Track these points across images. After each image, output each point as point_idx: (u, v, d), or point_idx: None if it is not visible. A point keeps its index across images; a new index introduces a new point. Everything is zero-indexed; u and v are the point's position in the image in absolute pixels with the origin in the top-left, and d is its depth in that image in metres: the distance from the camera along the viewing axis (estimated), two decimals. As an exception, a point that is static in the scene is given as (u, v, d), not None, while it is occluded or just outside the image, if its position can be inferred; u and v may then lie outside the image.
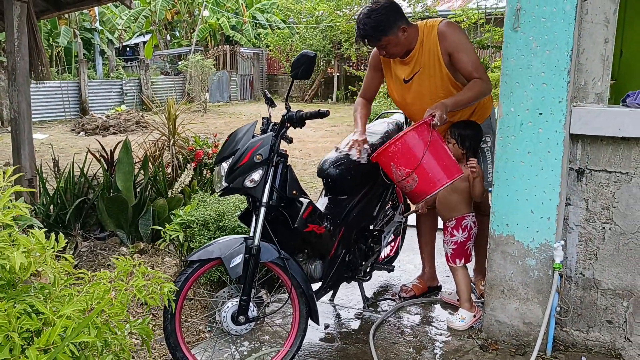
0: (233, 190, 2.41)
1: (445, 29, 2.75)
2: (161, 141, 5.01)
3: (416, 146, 2.55)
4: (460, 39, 2.74)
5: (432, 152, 2.55)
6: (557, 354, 2.60)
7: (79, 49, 17.31)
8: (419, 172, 2.55)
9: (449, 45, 2.72)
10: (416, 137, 2.54)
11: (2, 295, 1.10)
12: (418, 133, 2.54)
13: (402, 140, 2.55)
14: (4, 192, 1.16)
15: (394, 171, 2.62)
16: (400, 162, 2.57)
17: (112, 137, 10.94)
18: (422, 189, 2.60)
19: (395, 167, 2.60)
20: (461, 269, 2.89)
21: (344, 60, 19.53)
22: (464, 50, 2.71)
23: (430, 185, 2.58)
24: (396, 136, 2.58)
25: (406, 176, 2.57)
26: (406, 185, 2.63)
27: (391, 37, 2.70)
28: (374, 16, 2.68)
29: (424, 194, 2.63)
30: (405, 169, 2.56)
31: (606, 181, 2.49)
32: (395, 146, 2.56)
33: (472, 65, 2.70)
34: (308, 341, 2.71)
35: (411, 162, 2.54)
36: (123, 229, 4.24)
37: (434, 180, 2.57)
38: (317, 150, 9.39)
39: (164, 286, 1.32)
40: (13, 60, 3.96)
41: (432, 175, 2.56)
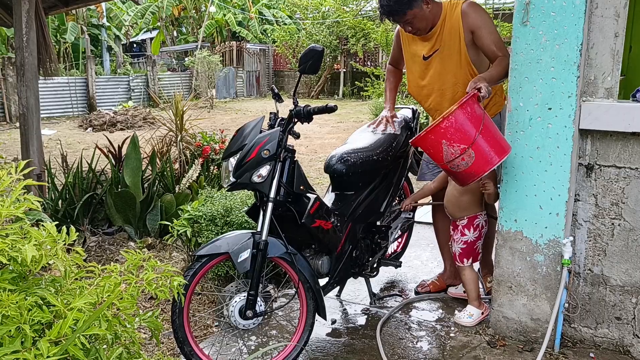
0: (241, 185, 2.41)
1: (469, 7, 2.74)
2: (168, 137, 5.02)
3: (471, 120, 2.41)
4: (483, 18, 2.73)
5: (486, 124, 2.43)
6: (565, 351, 2.59)
7: (86, 45, 17.37)
8: (475, 148, 2.41)
9: (473, 23, 2.71)
10: (469, 110, 2.41)
11: (13, 287, 1.11)
12: (469, 106, 2.42)
13: (455, 114, 2.40)
14: (15, 186, 1.17)
15: (445, 149, 2.44)
16: (455, 138, 2.41)
17: (119, 133, 10.99)
18: (477, 166, 2.44)
19: (448, 145, 2.42)
20: (469, 268, 2.88)
21: (351, 56, 19.49)
22: (487, 28, 2.71)
23: (486, 161, 2.43)
24: (447, 112, 2.43)
25: (461, 153, 2.41)
26: (460, 164, 2.45)
27: (416, 10, 2.69)
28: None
29: (479, 172, 2.46)
30: (461, 145, 2.40)
31: (615, 177, 2.47)
32: (448, 121, 2.40)
33: (495, 43, 2.70)
34: (315, 336, 2.72)
35: (468, 136, 2.40)
36: (131, 224, 4.26)
37: (490, 155, 2.43)
38: (324, 146, 9.39)
39: (174, 279, 1.33)
40: (21, 56, 3.98)
41: (489, 150, 2.43)
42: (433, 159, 2.58)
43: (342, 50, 19.27)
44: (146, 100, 16.84)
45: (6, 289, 1.09)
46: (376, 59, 19.34)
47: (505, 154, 2.47)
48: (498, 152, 2.45)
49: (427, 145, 2.55)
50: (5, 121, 13.40)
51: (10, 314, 1.05)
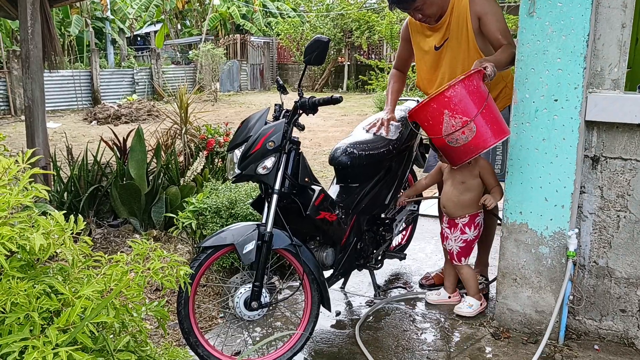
0: (245, 177, 2.41)
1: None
2: (173, 130, 5.03)
3: (476, 93, 2.38)
4: (491, 4, 2.70)
5: (490, 100, 2.41)
6: (569, 343, 2.59)
7: (90, 39, 17.38)
8: (478, 121, 2.37)
9: (480, 9, 2.68)
10: (474, 84, 2.39)
11: (22, 275, 1.12)
12: (475, 80, 2.39)
13: (461, 84, 2.36)
14: (23, 175, 1.18)
15: (446, 121, 2.38)
16: (458, 109, 2.36)
17: (123, 126, 11.01)
18: (476, 142, 2.41)
19: (450, 116, 2.36)
20: (466, 266, 2.88)
21: (355, 49, 19.42)
22: (494, 15, 2.68)
23: (486, 139, 2.41)
24: (460, 76, 2.39)
25: (463, 125, 2.36)
26: (459, 138, 2.40)
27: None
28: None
29: (478, 148, 2.43)
30: (463, 118, 2.35)
31: (621, 169, 2.46)
32: (453, 90, 2.35)
33: (501, 31, 2.67)
34: (319, 328, 2.73)
35: (471, 108, 2.35)
36: (136, 217, 4.28)
37: (489, 133, 2.41)
38: (328, 139, 9.38)
39: (180, 269, 1.34)
40: (27, 48, 3.98)
41: (491, 125, 2.39)
42: (430, 132, 2.51)
43: (346, 43, 19.22)
44: (150, 93, 16.85)
45: (15, 277, 1.10)
46: (380, 52, 19.28)
47: (505, 135, 2.47)
48: (498, 132, 2.45)
49: (427, 115, 2.48)
50: (10, 114, 13.44)
51: (19, 301, 1.06)
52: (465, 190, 2.77)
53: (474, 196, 2.78)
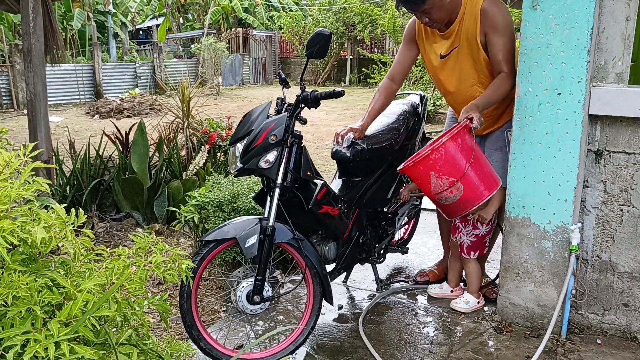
0: (248, 171, 2.41)
1: (489, 7, 2.53)
2: (175, 123, 5.02)
3: (461, 152, 2.37)
4: (502, 21, 2.52)
5: (477, 157, 2.40)
6: (572, 337, 2.59)
7: (92, 32, 17.36)
8: (465, 181, 2.37)
9: (488, 25, 2.53)
10: (459, 142, 2.37)
11: (23, 269, 1.12)
12: (460, 138, 2.38)
13: (445, 146, 2.36)
14: (24, 168, 1.17)
15: (433, 181, 2.40)
16: (443, 170, 2.37)
17: (126, 120, 11.00)
18: (465, 200, 2.43)
19: (437, 177, 2.39)
20: (474, 261, 2.87)
21: (358, 42, 19.36)
22: (502, 34, 2.51)
23: (476, 196, 2.42)
24: (435, 143, 2.37)
25: (450, 186, 2.38)
26: (448, 197, 2.44)
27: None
28: None
29: (469, 206, 2.46)
30: (450, 178, 2.37)
31: (625, 163, 2.45)
32: (438, 153, 2.35)
33: (504, 54, 2.52)
34: (322, 321, 2.74)
35: (456, 169, 2.36)
36: (138, 211, 4.28)
37: (480, 188, 2.42)
38: (330, 133, 9.37)
39: (182, 262, 1.34)
40: (28, 42, 3.97)
41: (479, 183, 2.41)
42: (421, 189, 2.54)
43: (348, 37, 19.15)
44: (153, 87, 16.84)
45: (16, 271, 1.10)
46: (383, 45, 19.22)
47: (495, 187, 2.46)
48: (488, 186, 2.44)
49: (415, 175, 2.52)
50: (12, 108, 13.45)
51: (21, 295, 1.06)
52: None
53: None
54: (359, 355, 2.48)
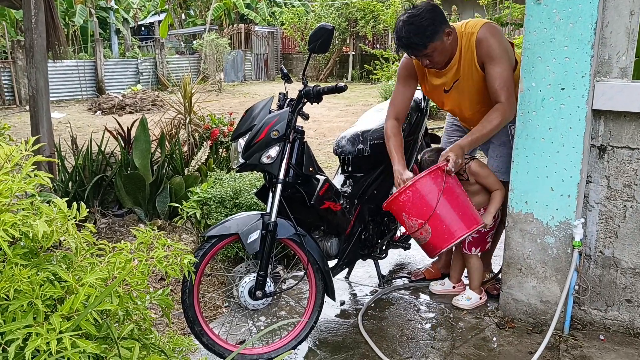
0: (250, 166, 2.41)
1: (484, 36, 2.50)
2: (177, 119, 5.02)
3: (429, 194, 2.38)
4: (497, 49, 2.49)
5: (446, 200, 2.40)
6: (575, 333, 2.58)
7: (94, 28, 17.35)
8: (432, 224, 2.39)
9: (484, 54, 2.51)
10: (429, 184, 2.38)
11: (25, 262, 1.12)
12: (431, 180, 2.38)
13: (413, 188, 2.39)
14: (26, 162, 1.17)
15: (406, 222, 2.46)
16: (412, 212, 2.40)
17: (128, 117, 11.00)
18: (435, 242, 2.45)
19: (407, 218, 2.44)
20: (475, 256, 2.86)
21: (360, 38, 19.31)
22: (498, 62, 2.48)
23: (445, 238, 2.44)
24: (407, 184, 2.41)
25: (419, 227, 2.42)
26: (420, 238, 2.48)
27: (437, 42, 2.46)
28: (417, 21, 2.42)
29: (438, 248, 2.48)
30: (418, 220, 2.40)
31: (628, 158, 2.44)
32: (405, 195, 2.40)
33: (501, 83, 2.48)
34: (324, 317, 2.73)
35: (423, 212, 2.38)
36: (141, 206, 4.28)
37: (449, 231, 2.42)
38: (332, 129, 9.35)
39: (184, 257, 1.33)
40: (30, 38, 3.97)
41: (447, 226, 2.41)
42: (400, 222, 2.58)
43: (351, 32, 19.10)
44: (155, 83, 16.83)
45: (18, 264, 1.10)
46: (385, 41, 19.16)
47: (469, 229, 2.45)
48: (460, 227, 2.43)
49: (393, 213, 2.57)
50: (15, 104, 13.46)
51: (23, 288, 1.06)
52: (472, 194, 2.77)
53: (482, 198, 2.77)
54: (361, 350, 2.48)
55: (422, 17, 2.44)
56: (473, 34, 2.53)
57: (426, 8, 2.47)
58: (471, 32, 2.54)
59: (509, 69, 2.52)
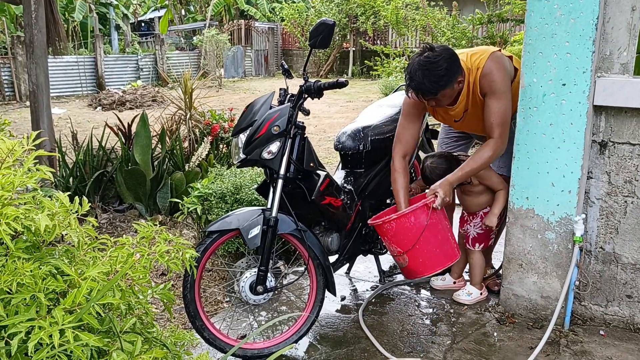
0: (250, 162, 2.41)
1: (489, 70, 2.49)
2: (178, 115, 5.01)
3: (411, 229, 2.46)
4: (500, 84, 2.49)
5: (428, 236, 2.47)
6: (575, 328, 2.59)
7: (94, 24, 17.31)
8: (410, 255, 2.50)
9: (486, 87, 2.51)
10: (412, 219, 2.45)
11: (27, 256, 1.12)
12: (415, 216, 2.45)
13: (398, 221, 2.47)
14: (27, 157, 1.17)
15: (386, 245, 2.59)
16: (393, 240, 2.51)
17: (128, 112, 10.99)
18: (412, 270, 2.56)
19: (389, 243, 2.56)
20: (478, 252, 2.87)
21: (360, 34, 19.26)
22: (499, 98, 2.48)
23: (420, 270, 2.54)
24: (392, 215, 2.48)
25: (397, 254, 2.55)
26: (398, 261, 2.62)
27: (448, 90, 2.45)
28: (433, 69, 2.37)
29: (413, 276, 2.61)
30: (397, 248, 2.52)
31: (629, 154, 2.44)
32: (389, 224, 2.47)
33: (497, 119, 2.48)
34: (325, 312, 2.74)
35: (404, 244, 2.47)
36: (141, 202, 4.29)
37: (425, 265, 2.52)
38: (332, 126, 9.35)
39: (186, 252, 1.34)
40: (31, 33, 3.96)
41: (423, 260, 2.51)
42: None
43: (351, 28, 19.06)
44: (155, 79, 16.80)
45: (20, 258, 1.10)
46: (386, 37, 19.13)
47: (443, 265, 2.54)
48: (436, 262, 2.52)
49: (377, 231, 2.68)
50: (15, 100, 13.44)
51: (25, 282, 1.06)
52: (477, 195, 2.78)
53: (486, 197, 2.78)
54: (362, 345, 2.48)
55: (439, 67, 2.38)
56: (479, 69, 2.52)
57: (444, 56, 2.40)
58: (477, 67, 2.52)
59: (508, 105, 2.51)
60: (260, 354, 2.37)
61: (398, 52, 13.09)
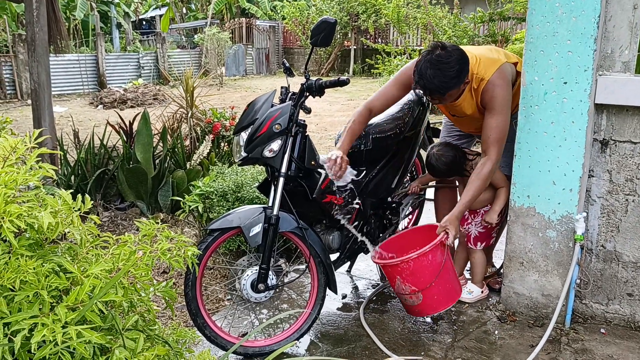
0: (252, 160, 2.41)
1: (491, 86, 2.48)
2: (179, 113, 5.02)
3: (428, 267, 2.45)
4: (500, 100, 2.48)
5: (443, 273, 2.48)
6: (576, 326, 2.59)
7: (95, 22, 17.31)
8: (425, 293, 2.47)
9: (487, 101, 2.50)
10: (429, 258, 2.45)
11: (31, 254, 1.13)
12: (432, 254, 2.45)
13: (416, 260, 2.43)
14: (30, 154, 1.18)
15: (397, 284, 2.52)
16: (409, 279, 2.46)
17: (129, 111, 10.99)
18: (422, 308, 2.52)
19: (401, 282, 2.49)
20: (480, 251, 2.87)
21: (361, 32, 19.24)
22: (498, 114, 2.47)
23: (434, 307, 2.52)
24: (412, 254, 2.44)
25: (410, 293, 2.48)
26: (407, 299, 2.54)
27: (454, 90, 2.45)
28: (445, 69, 2.35)
29: (422, 314, 2.57)
30: (412, 287, 2.46)
31: (631, 152, 2.44)
32: (407, 264, 2.44)
33: (495, 135, 2.48)
34: (326, 310, 2.75)
35: (421, 282, 2.44)
36: (143, 200, 4.29)
37: (439, 301, 2.50)
38: (334, 124, 9.35)
39: (188, 249, 1.34)
40: (32, 31, 3.97)
41: (438, 297, 2.50)
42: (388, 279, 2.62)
43: (352, 27, 19.04)
44: (156, 77, 16.80)
45: (24, 255, 1.10)
46: (387, 35, 19.11)
47: (454, 301, 2.54)
48: (445, 299, 2.52)
49: (385, 272, 2.63)
50: (16, 98, 13.45)
51: (29, 279, 1.07)
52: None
53: (487, 194, 2.77)
54: (363, 343, 2.49)
55: (451, 67, 2.35)
56: (483, 80, 2.50)
57: (457, 58, 2.37)
58: (482, 78, 2.50)
59: (507, 122, 2.51)
60: (262, 351, 2.37)
61: (399, 51, 13.07)
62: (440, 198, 3.15)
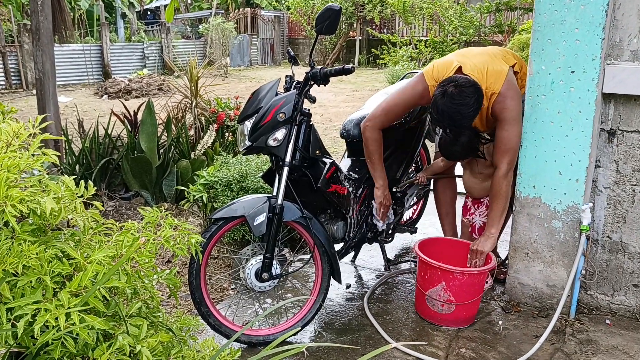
0: (256, 149, 2.40)
1: (502, 98, 2.44)
2: (183, 103, 5.01)
3: (474, 285, 2.47)
4: (513, 111, 2.45)
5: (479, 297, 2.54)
6: (581, 317, 2.58)
7: (100, 12, 17.26)
8: (460, 308, 2.48)
9: (498, 112, 2.47)
10: (480, 278, 2.47)
11: (33, 239, 1.13)
12: (483, 276, 2.48)
13: (472, 276, 2.44)
14: (33, 140, 1.17)
15: (437, 288, 2.48)
16: (453, 290, 2.45)
17: (134, 101, 10.99)
18: (448, 319, 2.51)
19: (444, 289, 2.46)
20: None
21: (367, 23, 19.13)
22: (511, 126, 2.45)
23: (456, 322, 2.52)
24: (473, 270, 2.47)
25: (446, 302, 2.47)
26: (434, 304, 2.51)
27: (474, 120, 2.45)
28: (463, 109, 2.32)
29: (443, 323, 2.54)
30: (452, 297, 2.45)
31: (638, 142, 2.42)
32: (462, 275, 2.43)
33: (507, 147, 2.47)
34: (330, 300, 2.75)
35: (463, 296, 2.45)
36: (147, 190, 4.30)
37: (462, 318, 2.51)
38: (339, 114, 9.31)
39: (191, 237, 1.34)
40: (37, 20, 3.96)
41: (466, 315, 2.51)
42: (418, 279, 2.59)
43: (358, 17, 18.92)
44: (161, 68, 16.78)
45: (26, 241, 1.10)
46: (393, 26, 19.00)
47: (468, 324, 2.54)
48: (466, 320, 2.52)
49: (425, 269, 2.54)
50: (22, 88, 13.47)
51: (31, 264, 1.07)
52: (485, 178, 2.76)
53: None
54: (367, 332, 2.49)
55: (470, 107, 2.32)
56: (494, 94, 2.45)
57: (476, 97, 2.33)
58: (492, 92, 2.45)
59: (520, 131, 2.51)
60: (266, 340, 2.37)
61: (405, 41, 12.99)
62: (440, 187, 3.15)
